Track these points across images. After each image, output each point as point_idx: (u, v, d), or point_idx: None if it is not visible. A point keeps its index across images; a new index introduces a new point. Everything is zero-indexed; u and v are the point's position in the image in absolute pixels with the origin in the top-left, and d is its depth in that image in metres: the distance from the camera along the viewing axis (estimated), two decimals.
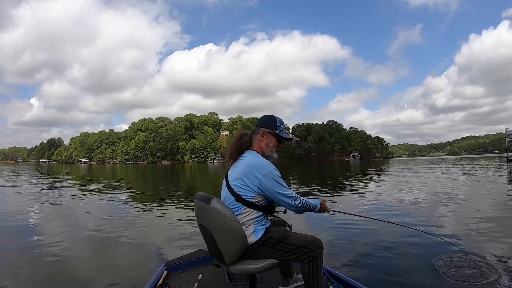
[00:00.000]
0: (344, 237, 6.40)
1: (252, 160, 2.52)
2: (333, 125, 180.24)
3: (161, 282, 3.10)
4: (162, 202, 12.21)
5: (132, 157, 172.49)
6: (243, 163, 2.54)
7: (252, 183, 2.44)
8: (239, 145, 2.63)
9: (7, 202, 13.41)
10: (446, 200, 10.85)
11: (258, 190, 2.44)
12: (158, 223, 8.30)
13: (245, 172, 2.46)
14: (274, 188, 2.43)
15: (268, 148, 2.65)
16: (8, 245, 6.27)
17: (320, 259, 2.46)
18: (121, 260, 5.35)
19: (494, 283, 3.93)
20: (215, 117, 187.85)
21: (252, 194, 2.45)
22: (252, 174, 2.44)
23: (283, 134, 2.69)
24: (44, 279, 4.50)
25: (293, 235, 2.50)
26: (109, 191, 17.00)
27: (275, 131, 2.66)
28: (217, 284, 3.13)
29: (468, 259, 4.60)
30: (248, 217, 2.46)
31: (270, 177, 2.43)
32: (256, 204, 2.47)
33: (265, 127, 2.67)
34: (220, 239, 2.42)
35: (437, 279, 4.12)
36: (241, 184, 2.47)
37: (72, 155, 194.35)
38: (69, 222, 8.60)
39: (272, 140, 2.66)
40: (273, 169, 2.46)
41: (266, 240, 2.45)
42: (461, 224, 7.16)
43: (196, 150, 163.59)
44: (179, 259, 3.60)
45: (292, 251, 2.45)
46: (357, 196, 13.03)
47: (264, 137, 2.65)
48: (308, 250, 2.43)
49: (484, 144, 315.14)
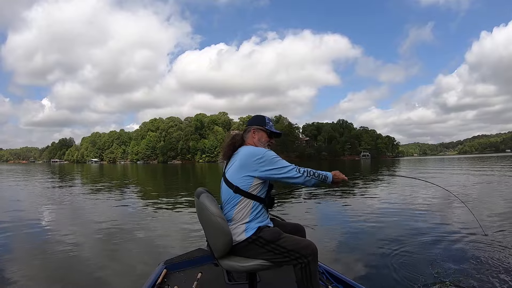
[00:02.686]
0: (345, 237, 6.40)
1: (247, 150, 2.61)
2: (343, 124, 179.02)
3: (161, 281, 3.08)
4: (168, 200, 12.26)
5: (143, 157, 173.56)
6: (238, 156, 2.62)
7: (250, 170, 2.51)
8: (231, 144, 2.74)
9: (19, 199, 13.56)
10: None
11: (258, 174, 2.50)
12: (160, 221, 8.35)
13: (242, 162, 2.54)
14: (275, 166, 2.50)
15: (261, 143, 2.75)
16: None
17: (314, 265, 2.40)
18: (121, 258, 5.36)
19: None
20: (225, 116, 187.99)
21: (250, 182, 2.50)
22: (249, 160, 2.52)
23: (273, 129, 2.82)
24: (44, 277, 4.55)
25: (286, 238, 2.45)
26: (117, 190, 17.14)
27: (265, 127, 2.79)
28: (216, 283, 3.10)
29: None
30: (245, 208, 2.50)
31: (267, 158, 2.50)
32: (253, 194, 2.51)
33: (255, 124, 2.81)
34: (207, 233, 2.56)
35: (438, 278, 4.07)
36: (239, 175, 2.53)
37: (84, 155, 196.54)
38: (73, 220, 8.71)
39: (263, 136, 2.78)
40: (268, 151, 2.56)
41: (257, 239, 2.44)
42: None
43: (207, 150, 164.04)
44: (179, 258, 3.57)
45: (283, 254, 2.41)
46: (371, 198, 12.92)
47: (256, 133, 2.78)
48: (300, 255, 2.38)
49: (496, 143, 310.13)
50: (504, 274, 4.13)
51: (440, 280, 4.03)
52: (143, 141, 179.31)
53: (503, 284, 3.86)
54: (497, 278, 4.01)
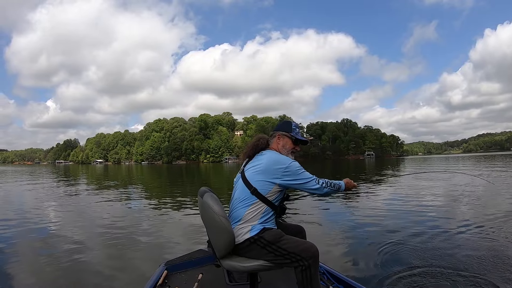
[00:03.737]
0: (346, 237, 6.40)
1: (273, 156, 2.65)
2: (347, 124, 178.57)
3: (161, 282, 3.09)
4: (170, 201, 12.29)
5: (147, 157, 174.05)
6: (264, 159, 2.64)
7: (272, 177, 2.54)
8: (255, 145, 2.78)
9: (25, 200, 13.61)
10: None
11: (279, 182, 2.53)
12: (161, 222, 8.36)
13: (267, 167, 2.57)
14: (298, 178, 2.54)
15: (284, 149, 2.78)
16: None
17: (314, 268, 2.40)
18: (122, 259, 5.38)
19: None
20: (229, 116, 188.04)
21: (270, 188, 2.55)
22: (274, 167, 2.55)
23: (299, 136, 2.84)
24: (44, 275, 4.59)
25: (287, 239, 2.47)
26: (121, 191, 17.17)
27: (290, 133, 2.81)
28: (217, 284, 3.10)
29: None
30: (257, 211, 2.53)
31: (292, 169, 2.54)
32: (269, 200, 2.55)
33: (281, 130, 2.84)
34: (210, 232, 2.56)
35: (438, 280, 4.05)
36: (260, 178, 2.56)
37: (88, 156, 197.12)
38: (75, 221, 8.68)
39: (288, 142, 2.80)
40: (293, 161, 2.60)
41: (258, 240, 2.46)
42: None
43: (211, 150, 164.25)
44: (179, 259, 3.58)
45: (284, 256, 2.42)
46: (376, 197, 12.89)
47: (281, 139, 2.81)
48: (300, 258, 2.39)
49: (501, 141, 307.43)
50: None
51: (441, 280, 4.01)
52: (147, 142, 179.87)
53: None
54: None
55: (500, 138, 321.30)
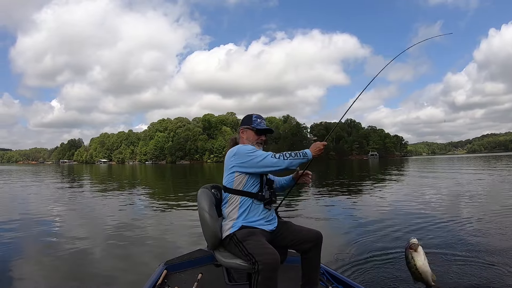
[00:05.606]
0: (345, 237, 6.39)
1: (230, 150, 2.72)
2: (351, 124, 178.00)
3: (161, 282, 3.09)
4: (172, 201, 12.35)
5: (151, 157, 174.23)
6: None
7: (229, 166, 2.63)
8: (230, 147, 2.82)
9: (30, 199, 13.69)
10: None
11: (236, 169, 2.59)
12: (162, 222, 8.45)
13: (225, 161, 2.70)
14: (248, 157, 2.55)
15: (249, 141, 2.80)
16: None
17: (264, 277, 2.23)
18: (122, 259, 5.40)
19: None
20: (233, 117, 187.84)
21: (232, 178, 2.61)
22: (228, 157, 2.66)
23: (259, 126, 2.83)
24: (44, 274, 4.62)
25: (253, 240, 2.40)
26: (124, 190, 17.26)
27: (251, 125, 2.82)
28: (216, 283, 3.10)
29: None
30: (233, 205, 2.59)
31: (240, 152, 2.60)
32: (238, 190, 2.59)
33: (243, 124, 2.88)
34: (201, 226, 2.65)
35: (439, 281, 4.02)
36: (224, 175, 2.68)
37: (92, 156, 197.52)
38: (77, 221, 8.80)
39: (251, 134, 2.82)
40: (243, 146, 2.67)
41: (233, 237, 2.49)
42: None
43: (215, 150, 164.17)
44: (179, 259, 3.58)
45: (246, 256, 2.36)
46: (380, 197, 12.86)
47: (244, 133, 2.85)
48: (255, 261, 2.28)
49: (505, 142, 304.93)
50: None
51: (441, 281, 3.99)
52: (151, 142, 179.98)
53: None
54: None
55: (504, 138, 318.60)
